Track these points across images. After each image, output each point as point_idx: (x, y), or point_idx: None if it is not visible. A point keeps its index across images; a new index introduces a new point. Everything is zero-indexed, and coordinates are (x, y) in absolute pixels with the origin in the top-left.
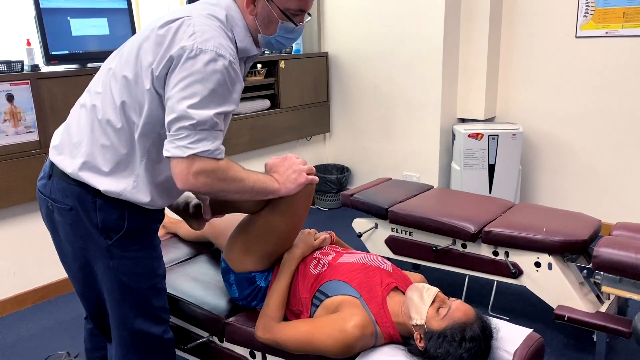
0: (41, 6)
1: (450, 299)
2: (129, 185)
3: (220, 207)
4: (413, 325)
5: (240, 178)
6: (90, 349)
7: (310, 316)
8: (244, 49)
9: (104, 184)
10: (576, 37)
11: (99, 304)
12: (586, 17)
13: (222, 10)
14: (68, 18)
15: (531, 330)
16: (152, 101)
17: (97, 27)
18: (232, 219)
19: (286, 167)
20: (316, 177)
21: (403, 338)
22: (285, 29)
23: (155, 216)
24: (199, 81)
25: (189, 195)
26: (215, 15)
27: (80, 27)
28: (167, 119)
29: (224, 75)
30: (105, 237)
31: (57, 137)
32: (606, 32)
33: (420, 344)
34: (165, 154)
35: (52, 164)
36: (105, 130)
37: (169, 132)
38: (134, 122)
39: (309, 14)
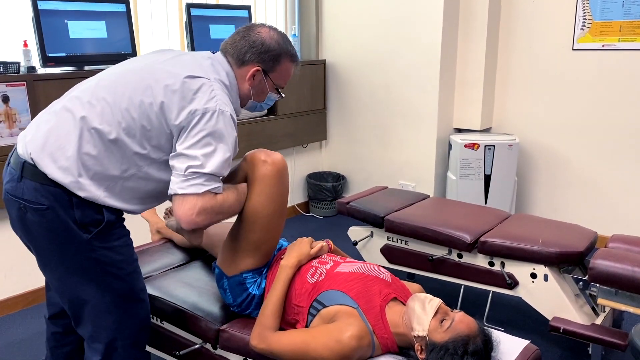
0: (39, 8)
1: (453, 310)
2: (102, 193)
3: None
4: (414, 336)
5: (230, 202)
6: (54, 346)
7: (307, 326)
8: (233, 110)
9: (82, 190)
10: (573, 49)
11: (71, 303)
12: (583, 30)
13: (225, 76)
14: (66, 20)
15: (528, 341)
16: (165, 137)
17: (95, 30)
18: (227, 227)
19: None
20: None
21: (401, 349)
22: (270, 98)
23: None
24: (211, 135)
25: None
26: (223, 82)
27: (78, 30)
28: (180, 162)
29: (232, 127)
30: (85, 231)
31: (39, 137)
32: (603, 45)
33: (422, 356)
34: (180, 191)
35: (23, 166)
36: (94, 141)
37: (184, 172)
38: (141, 144)
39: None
